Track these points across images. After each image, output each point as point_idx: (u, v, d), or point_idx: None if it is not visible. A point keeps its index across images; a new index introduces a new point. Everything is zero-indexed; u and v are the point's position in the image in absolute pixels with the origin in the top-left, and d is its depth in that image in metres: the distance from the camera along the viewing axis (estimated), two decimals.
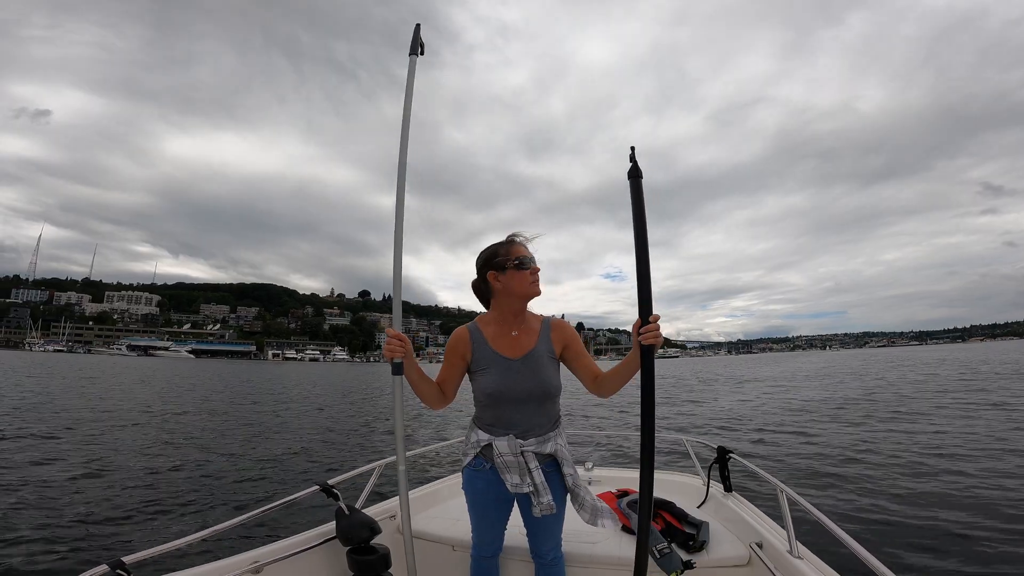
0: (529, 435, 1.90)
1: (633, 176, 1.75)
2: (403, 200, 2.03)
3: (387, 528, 2.43)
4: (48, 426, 10.17)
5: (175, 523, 4.79)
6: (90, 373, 30.69)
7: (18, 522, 4.59)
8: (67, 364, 47.95)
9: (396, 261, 2.02)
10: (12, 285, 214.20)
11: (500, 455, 1.89)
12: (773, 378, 30.29)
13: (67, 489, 5.68)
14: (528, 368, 1.91)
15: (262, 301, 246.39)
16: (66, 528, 4.51)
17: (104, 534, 4.43)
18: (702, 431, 11.18)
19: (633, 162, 1.75)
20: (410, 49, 2.14)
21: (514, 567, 2.32)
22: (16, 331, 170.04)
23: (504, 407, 1.91)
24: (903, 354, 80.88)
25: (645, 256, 1.70)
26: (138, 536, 4.42)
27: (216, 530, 1.89)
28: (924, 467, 6.69)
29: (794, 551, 2.05)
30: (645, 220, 1.73)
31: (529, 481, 1.87)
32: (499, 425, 1.92)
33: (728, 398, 18.89)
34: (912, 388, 18.69)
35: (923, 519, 4.76)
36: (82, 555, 3.98)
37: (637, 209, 1.73)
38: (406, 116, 2.08)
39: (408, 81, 2.10)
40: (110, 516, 4.88)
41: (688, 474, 3.55)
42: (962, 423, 10.16)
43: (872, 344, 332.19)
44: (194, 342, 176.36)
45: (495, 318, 2.01)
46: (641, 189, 1.76)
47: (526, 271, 1.92)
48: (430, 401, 1.98)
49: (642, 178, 1.76)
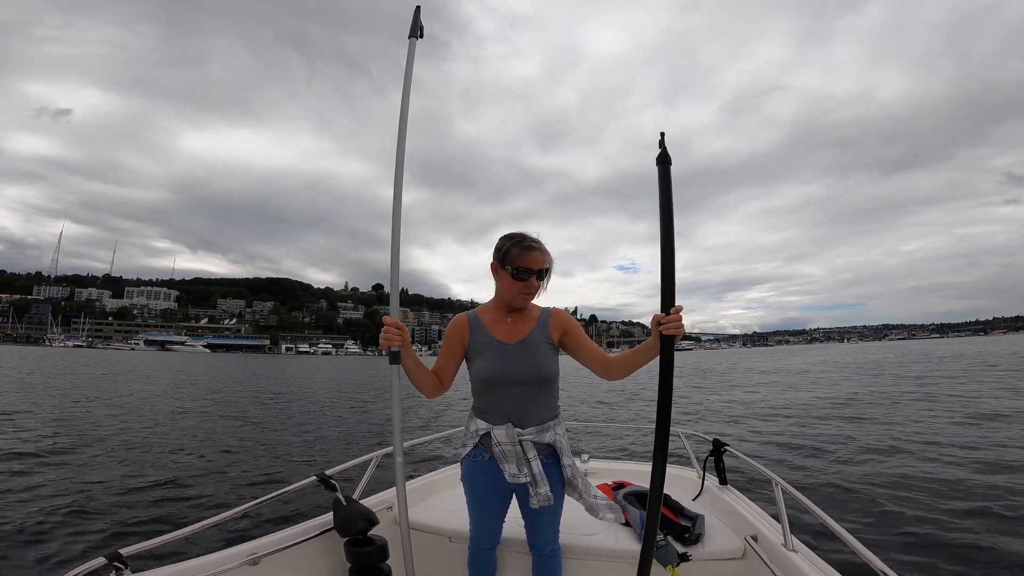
0: (527, 424, 1.90)
1: (662, 162, 1.71)
2: (401, 188, 1.99)
3: (384, 519, 2.44)
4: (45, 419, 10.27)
5: (173, 515, 4.79)
6: (102, 368, 30.85)
7: (15, 514, 4.58)
8: (84, 359, 48.73)
9: (394, 249, 1.98)
10: (34, 282, 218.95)
11: (498, 444, 1.89)
12: (778, 371, 30.04)
13: (64, 482, 5.68)
14: (524, 353, 1.91)
15: (278, 295, 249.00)
16: (63, 520, 4.49)
17: (101, 526, 4.42)
18: (697, 422, 11.16)
19: (662, 148, 1.71)
20: (409, 31, 2.08)
21: (511, 559, 2.34)
22: (37, 327, 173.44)
23: (500, 392, 1.91)
24: (924, 347, 79.40)
25: (670, 245, 1.66)
26: (135, 528, 4.41)
27: (213, 521, 1.89)
28: (922, 462, 6.61)
29: (789, 544, 2.05)
30: (672, 208, 1.69)
31: (527, 471, 1.87)
32: (495, 412, 1.92)
33: (728, 390, 18.76)
34: (915, 381, 18.41)
35: (917, 512, 4.73)
36: (79, 547, 3.97)
37: (665, 196, 1.69)
38: (405, 100, 2.03)
39: (407, 64, 2.04)
40: (107, 508, 4.87)
41: (683, 467, 3.55)
42: (962, 417, 9.99)
43: (892, 337, 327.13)
44: (210, 336, 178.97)
45: (494, 306, 2.03)
46: (670, 176, 1.72)
47: (520, 283, 1.91)
48: (426, 389, 1.99)
49: (671, 164, 1.72)
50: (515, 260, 1.90)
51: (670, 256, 1.65)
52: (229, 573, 1.81)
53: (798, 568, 1.89)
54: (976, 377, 19.39)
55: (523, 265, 1.90)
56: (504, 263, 1.92)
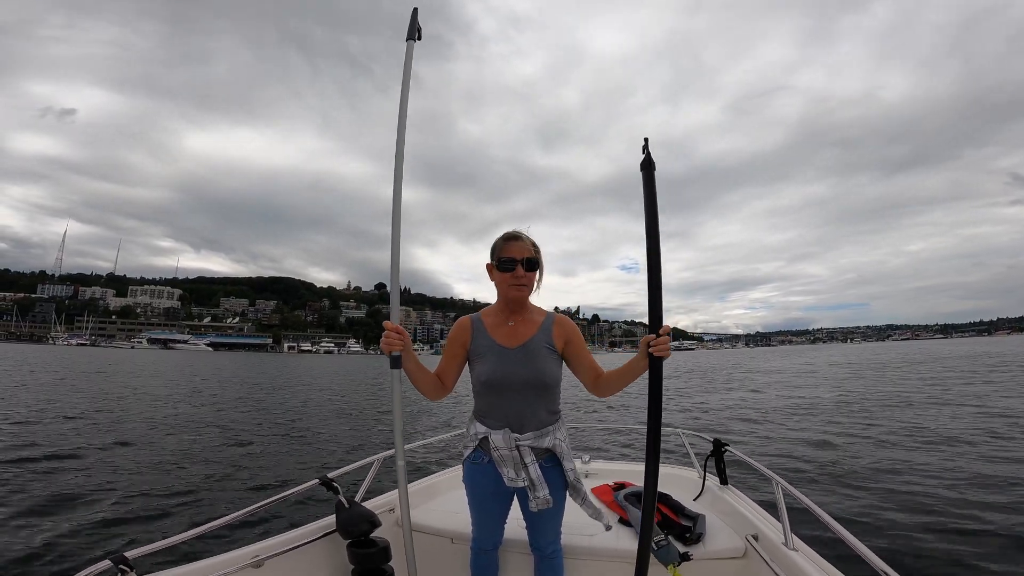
0: (526, 428, 1.90)
1: (646, 168, 1.72)
2: (400, 189, 1.98)
3: (387, 521, 2.45)
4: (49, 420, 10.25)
5: (178, 517, 4.80)
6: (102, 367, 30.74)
7: (20, 517, 4.59)
8: (86, 357, 48.83)
9: (394, 251, 1.96)
10: (39, 281, 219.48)
11: (496, 448, 1.89)
12: (780, 371, 30.00)
13: (69, 484, 5.68)
14: (525, 357, 1.92)
15: (280, 294, 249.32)
16: (68, 523, 4.48)
17: (106, 529, 4.41)
18: (697, 422, 11.14)
19: (646, 153, 1.71)
20: (407, 34, 2.07)
21: (513, 560, 2.35)
22: (41, 326, 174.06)
23: (499, 396, 1.92)
24: (927, 348, 79.12)
25: (657, 257, 1.67)
26: (140, 531, 4.40)
27: (217, 524, 1.90)
28: (923, 461, 6.60)
29: (789, 543, 2.06)
30: (657, 215, 1.70)
31: (524, 476, 1.88)
32: (494, 416, 1.93)
33: (727, 391, 18.73)
34: (919, 383, 18.36)
35: (919, 512, 4.72)
36: (84, 550, 3.96)
37: (650, 204, 1.70)
38: (403, 102, 2.02)
39: (405, 67, 2.02)
40: (112, 511, 4.87)
41: (684, 467, 3.56)
42: (967, 417, 9.96)
43: (895, 337, 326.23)
44: (213, 335, 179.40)
45: (496, 309, 2.04)
46: (654, 182, 1.72)
47: (507, 273, 1.94)
48: (428, 391, 2.00)
49: (655, 169, 1.72)
50: (499, 252, 1.96)
51: (657, 272, 1.67)
52: (234, 575, 1.82)
53: (799, 567, 1.90)
54: (983, 377, 19.33)
55: (505, 255, 1.94)
56: (492, 259, 1.97)
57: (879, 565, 1.59)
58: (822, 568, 1.89)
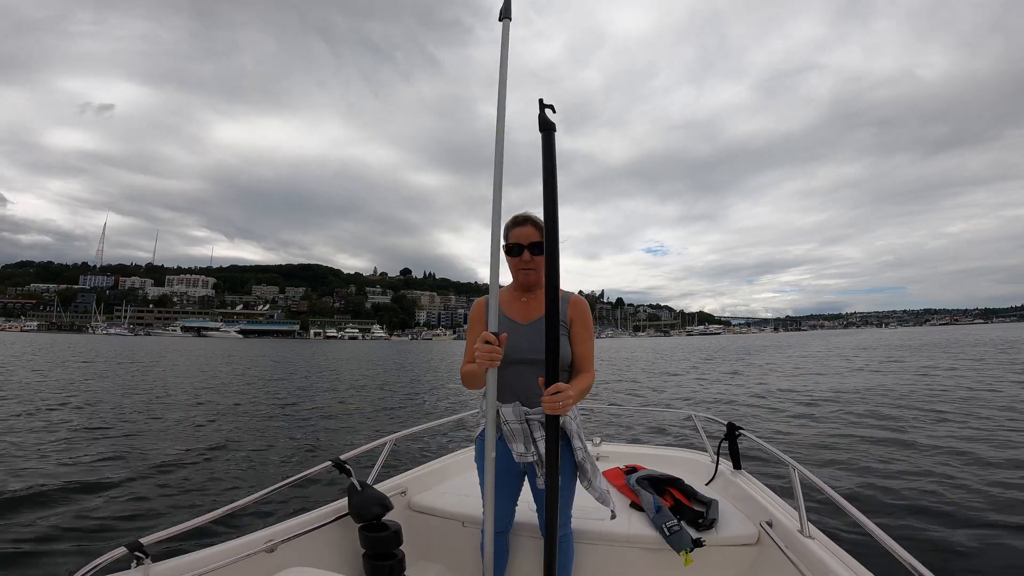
0: (536, 403, 1.89)
1: (545, 129, 1.61)
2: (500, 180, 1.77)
3: (398, 504, 2.47)
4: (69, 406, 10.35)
5: (192, 502, 4.78)
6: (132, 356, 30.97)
7: (36, 504, 4.60)
8: (120, 345, 50.16)
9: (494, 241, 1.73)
10: (81, 272, 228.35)
11: (506, 422, 1.91)
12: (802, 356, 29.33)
13: (84, 471, 5.69)
14: (535, 333, 1.90)
15: (309, 281, 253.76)
16: (84, 510, 4.49)
17: (121, 515, 4.41)
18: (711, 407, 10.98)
19: (542, 111, 1.61)
20: (500, 14, 1.98)
21: (524, 543, 2.36)
22: (82, 316, 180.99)
23: (510, 371, 1.91)
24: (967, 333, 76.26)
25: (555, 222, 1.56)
26: (155, 517, 4.39)
27: (231, 508, 1.93)
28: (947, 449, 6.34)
29: (805, 530, 2.01)
30: (556, 180, 1.60)
31: (533, 450, 1.89)
32: (505, 390, 1.92)
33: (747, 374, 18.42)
34: (946, 371, 17.70)
35: (941, 500, 4.54)
36: (100, 537, 3.93)
37: (548, 167, 1.60)
38: (502, 82, 1.89)
39: (503, 47, 1.91)
40: (127, 497, 4.86)
41: (697, 451, 3.51)
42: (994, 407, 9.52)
43: (933, 322, 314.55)
44: (243, 322, 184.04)
45: (512, 287, 2.08)
46: (553, 144, 1.62)
47: (515, 259, 1.96)
48: (476, 383, 1.92)
49: (555, 131, 1.62)
50: (507, 238, 1.97)
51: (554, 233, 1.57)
52: (247, 560, 1.84)
53: (814, 555, 1.86)
54: None
55: (513, 241, 1.96)
56: (504, 242, 1.97)
57: (903, 556, 1.51)
58: (839, 557, 1.83)
